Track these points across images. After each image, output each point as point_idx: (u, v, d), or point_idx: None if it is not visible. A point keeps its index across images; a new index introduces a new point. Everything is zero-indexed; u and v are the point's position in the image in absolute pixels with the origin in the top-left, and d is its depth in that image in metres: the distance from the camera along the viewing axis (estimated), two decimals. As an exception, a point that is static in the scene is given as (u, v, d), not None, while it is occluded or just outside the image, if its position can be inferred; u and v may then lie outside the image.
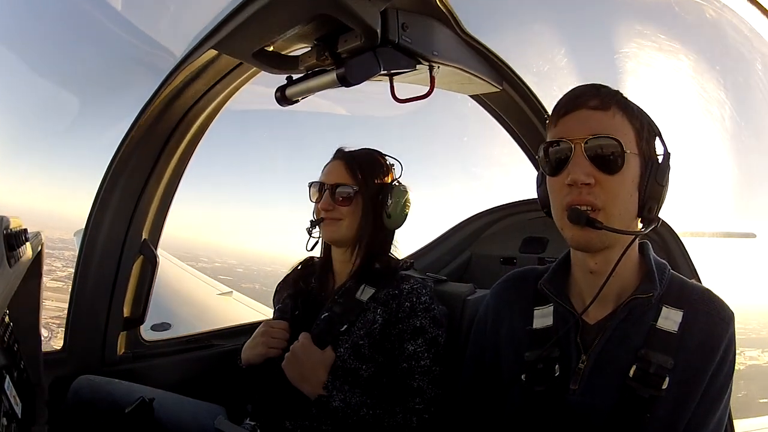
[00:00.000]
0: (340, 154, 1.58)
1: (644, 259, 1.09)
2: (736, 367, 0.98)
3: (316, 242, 1.59)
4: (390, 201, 1.52)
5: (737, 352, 1.00)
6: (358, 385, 1.38)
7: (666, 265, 1.10)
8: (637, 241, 1.06)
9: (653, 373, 0.97)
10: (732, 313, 1.02)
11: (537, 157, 1.06)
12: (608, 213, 0.97)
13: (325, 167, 1.59)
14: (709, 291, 1.07)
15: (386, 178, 1.57)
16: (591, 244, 1.00)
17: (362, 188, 1.51)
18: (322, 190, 1.53)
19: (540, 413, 1.05)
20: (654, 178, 1.00)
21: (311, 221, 1.55)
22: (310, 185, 1.58)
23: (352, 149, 1.60)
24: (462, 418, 1.24)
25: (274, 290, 1.76)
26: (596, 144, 0.96)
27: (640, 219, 1.03)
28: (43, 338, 1.41)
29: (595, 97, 0.99)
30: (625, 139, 0.97)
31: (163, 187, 1.79)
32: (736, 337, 1.00)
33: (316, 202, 1.55)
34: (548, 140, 1.02)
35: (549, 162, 1.02)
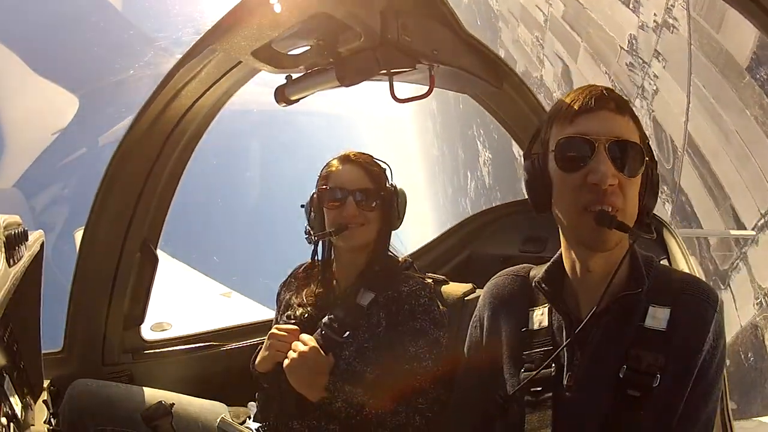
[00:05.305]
0: (352, 158, 1.52)
1: (631, 256, 1.09)
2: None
3: (316, 246, 1.57)
4: (399, 205, 1.52)
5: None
6: (361, 386, 1.39)
7: (652, 257, 1.10)
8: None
9: (644, 372, 0.97)
10: (719, 299, 1.02)
11: (551, 151, 1.02)
12: (625, 214, 0.98)
13: (330, 172, 1.52)
14: (696, 278, 1.08)
15: (389, 182, 1.56)
16: (607, 245, 1.00)
17: (383, 193, 1.50)
18: (342, 196, 1.47)
19: (537, 412, 1.06)
20: (651, 186, 1.02)
21: (331, 231, 1.46)
22: (320, 190, 1.51)
23: (356, 152, 1.55)
24: (460, 419, 1.24)
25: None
26: (621, 146, 0.97)
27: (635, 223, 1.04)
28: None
29: (613, 101, 0.99)
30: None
31: (162, 186, 1.79)
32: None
33: (334, 208, 1.48)
34: (566, 135, 0.99)
35: (563, 158, 1.00)
